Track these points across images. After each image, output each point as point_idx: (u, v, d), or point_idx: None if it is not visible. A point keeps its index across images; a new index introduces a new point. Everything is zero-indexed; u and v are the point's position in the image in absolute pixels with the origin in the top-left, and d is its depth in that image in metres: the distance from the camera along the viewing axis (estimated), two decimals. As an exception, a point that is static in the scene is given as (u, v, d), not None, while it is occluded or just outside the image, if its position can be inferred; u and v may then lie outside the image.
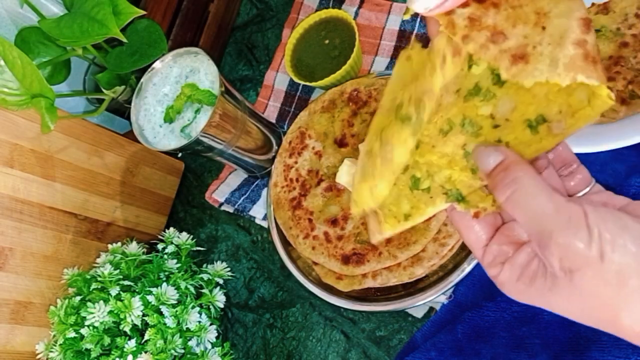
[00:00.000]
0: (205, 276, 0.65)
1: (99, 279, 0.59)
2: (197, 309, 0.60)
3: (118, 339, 0.56)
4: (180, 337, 0.57)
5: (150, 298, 0.57)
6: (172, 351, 0.56)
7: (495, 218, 0.33)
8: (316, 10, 0.74)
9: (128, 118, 0.62)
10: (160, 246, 0.66)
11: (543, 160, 0.33)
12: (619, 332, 0.27)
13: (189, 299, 0.60)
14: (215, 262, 0.68)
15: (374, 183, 0.33)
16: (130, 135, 0.67)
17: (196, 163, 0.80)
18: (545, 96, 0.31)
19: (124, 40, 0.56)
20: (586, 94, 0.29)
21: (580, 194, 0.33)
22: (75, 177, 0.64)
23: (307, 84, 0.65)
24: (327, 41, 0.67)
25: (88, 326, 0.56)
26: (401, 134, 0.32)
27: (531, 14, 0.29)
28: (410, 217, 0.34)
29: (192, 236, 0.68)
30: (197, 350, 0.60)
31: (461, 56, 0.31)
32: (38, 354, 0.59)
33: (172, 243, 0.66)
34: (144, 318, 0.56)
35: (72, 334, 0.57)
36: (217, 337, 0.62)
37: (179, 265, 0.64)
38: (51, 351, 0.58)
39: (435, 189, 0.33)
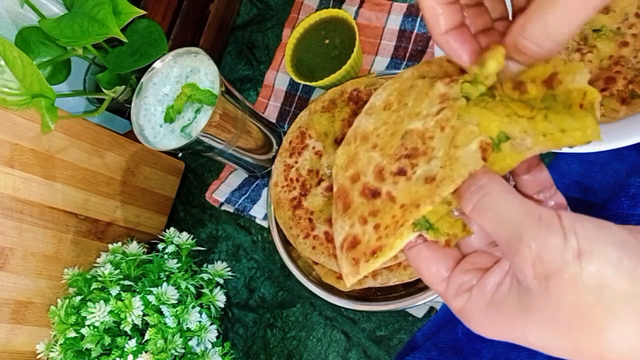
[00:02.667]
0: (205, 276, 0.65)
1: (99, 278, 0.59)
2: (198, 308, 0.60)
3: (118, 339, 0.56)
4: (181, 336, 0.57)
5: (151, 298, 0.57)
6: (173, 351, 0.56)
7: (454, 251, 0.31)
8: (316, 10, 0.74)
9: (128, 118, 0.62)
10: (160, 246, 0.66)
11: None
12: (603, 358, 0.23)
13: (189, 298, 0.60)
14: (215, 262, 0.68)
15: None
16: (130, 135, 0.67)
17: (196, 163, 0.80)
18: (508, 115, 0.29)
19: (124, 40, 0.56)
20: (561, 125, 0.28)
21: None
22: (75, 177, 0.64)
23: (308, 83, 0.65)
24: (327, 41, 0.67)
25: (88, 326, 0.56)
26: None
27: None
28: (379, 254, 0.31)
29: (192, 236, 0.68)
30: (198, 350, 0.60)
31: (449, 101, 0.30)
32: (38, 353, 0.59)
33: (172, 243, 0.66)
34: (144, 318, 0.56)
35: (72, 334, 0.57)
36: (217, 337, 0.62)
37: (179, 265, 0.64)
38: (52, 351, 0.58)
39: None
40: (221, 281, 0.66)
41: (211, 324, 0.61)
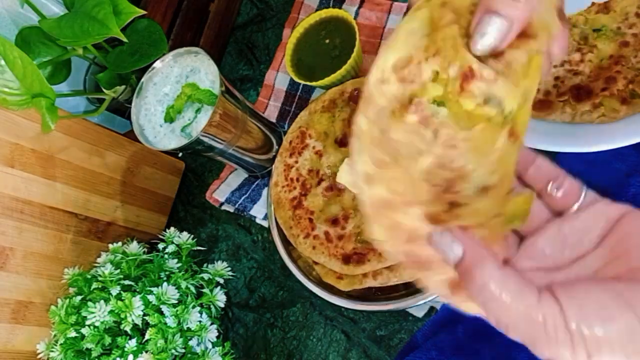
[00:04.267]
0: (205, 276, 0.65)
1: (99, 278, 0.59)
2: (198, 308, 0.60)
3: (119, 339, 0.56)
4: (181, 336, 0.58)
5: (151, 298, 0.57)
6: (173, 351, 0.56)
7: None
8: (316, 10, 0.74)
9: (128, 118, 0.62)
10: (160, 246, 0.66)
11: None
12: None
13: (189, 298, 0.60)
14: (215, 262, 0.68)
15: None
16: (130, 134, 0.67)
17: (197, 163, 0.81)
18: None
19: (125, 40, 0.56)
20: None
21: (574, 207, 0.31)
22: (75, 176, 0.64)
23: (308, 83, 0.65)
24: (327, 41, 0.67)
25: (89, 326, 0.56)
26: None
27: None
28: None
29: (192, 236, 0.68)
30: (198, 349, 0.60)
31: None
32: (39, 353, 0.59)
33: (172, 243, 0.66)
34: (144, 318, 0.56)
35: (72, 334, 0.57)
36: (217, 337, 0.62)
37: (179, 264, 0.64)
38: (52, 351, 0.58)
39: None
40: (221, 281, 0.66)
41: (211, 324, 0.61)
